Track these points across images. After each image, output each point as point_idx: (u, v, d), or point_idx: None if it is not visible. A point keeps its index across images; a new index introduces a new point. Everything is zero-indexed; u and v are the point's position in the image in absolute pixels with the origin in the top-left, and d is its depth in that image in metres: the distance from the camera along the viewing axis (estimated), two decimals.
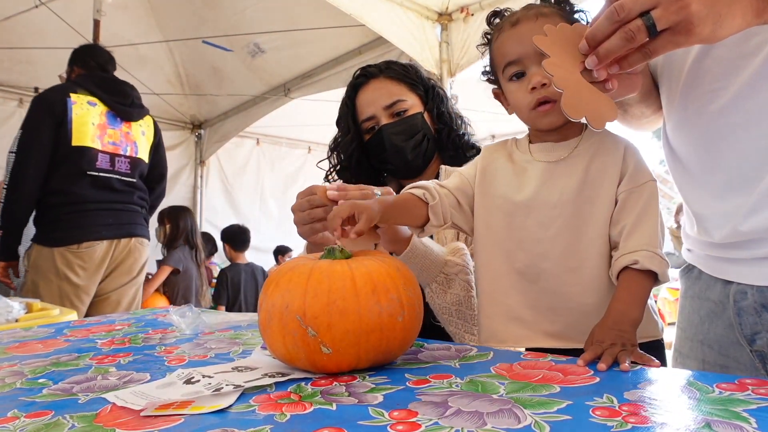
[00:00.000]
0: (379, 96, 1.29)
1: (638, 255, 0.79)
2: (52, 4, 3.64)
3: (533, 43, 0.75)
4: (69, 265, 2.40)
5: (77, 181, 2.43)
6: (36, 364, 0.82)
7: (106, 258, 2.49)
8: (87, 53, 2.66)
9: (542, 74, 0.83)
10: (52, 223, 2.42)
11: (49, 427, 0.53)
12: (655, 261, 0.79)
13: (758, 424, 0.45)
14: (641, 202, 0.83)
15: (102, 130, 2.51)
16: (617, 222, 0.84)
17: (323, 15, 3.60)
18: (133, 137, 2.63)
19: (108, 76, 2.63)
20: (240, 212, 5.74)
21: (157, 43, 4.58)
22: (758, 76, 0.73)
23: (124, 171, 2.57)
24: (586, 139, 0.89)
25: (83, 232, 2.42)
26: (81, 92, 2.48)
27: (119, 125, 2.58)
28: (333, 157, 1.39)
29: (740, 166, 0.77)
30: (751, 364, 0.81)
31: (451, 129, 1.33)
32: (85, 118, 2.44)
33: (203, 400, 0.58)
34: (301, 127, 5.57)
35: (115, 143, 2.55)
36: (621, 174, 0.86)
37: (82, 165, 2.42)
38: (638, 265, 0.78)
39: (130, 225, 2.60)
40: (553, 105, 0.85)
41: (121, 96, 2.60)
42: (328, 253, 0.75)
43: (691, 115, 0.83)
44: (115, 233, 2.52)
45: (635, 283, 0.79)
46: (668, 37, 0.62)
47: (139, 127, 2.69)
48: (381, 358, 0.70)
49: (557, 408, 0.51)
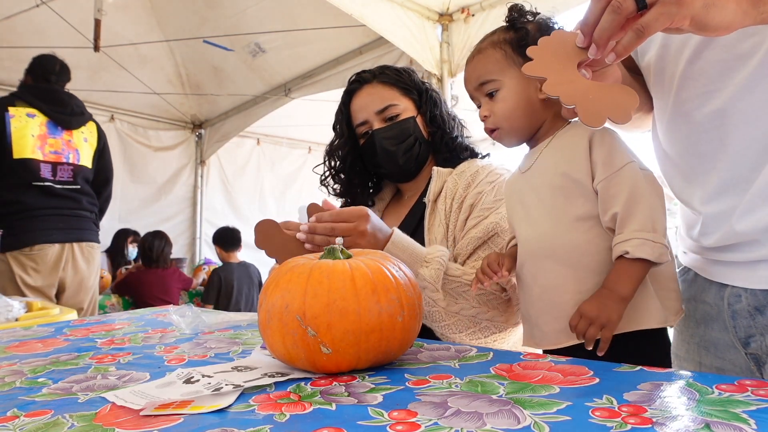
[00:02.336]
0: (372, 101, 1.31)
1: (629, 245, 0.81)
2: (53, 3, 3.64)
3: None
4: (23, 268, 2.54)
5: (24, 192, 2.55)
6: (35, 363, 0.82)
7: (59, 261, 2.62)
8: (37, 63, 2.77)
9: (485, 107, 0.98)
10: (3, 230, 2.53)
11: (48, 426, 0.53)
12: (647, 248, 0.80)
13: (758, 426, 0.45)
14: (625, 187, 0.84)
15: (42, 140, 2.62)
16: (606, 211, 0.85)
17: (324, 15, 3.60)
18: (75, 145, 2.74)
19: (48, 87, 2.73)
20: (240, 212, 5.74)
21: (157, 43, 4.58)
22: (754, 77, 0.73)
23: (66, 179, 2.69)
24: (560, 134, 0.94)
25: (34, 236, 2.56)
26: (19, 104, 2.61)
27: (60, 134, 2.69)
28: (329, 161, 1.40)
29: (734, 167, 0.77)
30: (747, 367, 0.81)
31: (445, 132, 1.34)
32: (24, 131, 2.56)
33: (203, 399, 0.58)
34: (302, 127, 5.57)
35: (56, 152, 2.67)
36: (592, 163, 0.87)
37: (25, 177, 2.56)
38: (629, 255, 0.80)
39: (80, 230, 2.72)
40: (498, 132, 0.98)
41: (59, 105, 2.70)
42: (328, 253, 0.75)
43: (685, 117, 0.83)
44: (66, 237, 2.64)
45: (628, 269, 0.81)
46: (659, 9, 0.61)
47: (81, 134, 2.78)
48: (381, 358, 0.70)
49: (557, 409, 0.51)
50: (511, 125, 0.96)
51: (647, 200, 0.83)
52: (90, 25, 3.48)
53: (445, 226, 1.21)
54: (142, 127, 5.35)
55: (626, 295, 0.80)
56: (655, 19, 0.61)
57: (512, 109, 0.95)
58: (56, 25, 3.76)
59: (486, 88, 0.97)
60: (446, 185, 1.25)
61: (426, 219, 1.24)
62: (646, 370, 0.63)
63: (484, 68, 0.98)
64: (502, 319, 1.12)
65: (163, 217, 5.38)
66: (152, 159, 5.42)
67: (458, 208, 1.21)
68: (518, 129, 0.97)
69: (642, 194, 0.83)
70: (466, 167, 1.27)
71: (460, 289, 1.09)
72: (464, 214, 1.20)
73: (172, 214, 5.55)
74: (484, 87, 0.98)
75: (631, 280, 0.81)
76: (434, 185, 1.26)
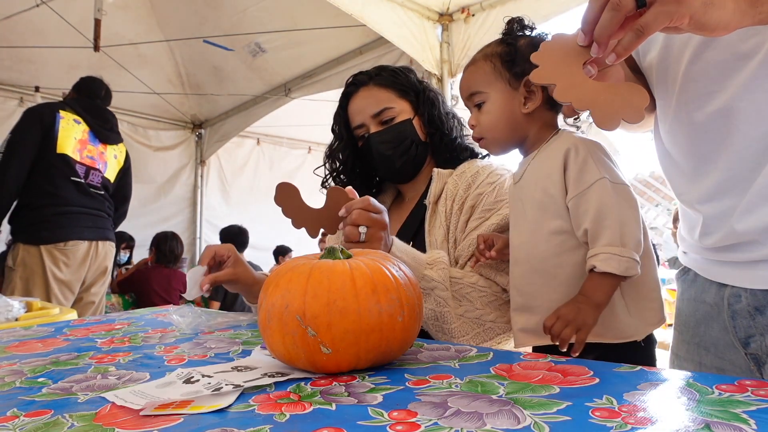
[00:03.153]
0: (367, 104, 1.30)
1: (596, 260, 0.86)
2: (53, 3, 3.64)
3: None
4: (54, 262, 2.66)
5: (62, 186, 2.71)
6: (35, 363, 0.82)
7: (87, 257, 2.78)
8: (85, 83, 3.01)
9: (473, 117, 1.03)
10: (39, 223, 2.67)
11: (48, 426, 0.53)
12: (613, 262, 0.84)
13: (758, 426, 0.45)
14: (593, 204, 0.88)
15: (82, 145, 2.82)
16: (578, 227, 0.91)
17: (324, 15, 3.60)
18: (106, 158, 2.96)
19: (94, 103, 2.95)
20: (239, 212, 5.74)
21: (158, 43, 4.58)
22: (755, 77, 0.73)
23: (95, 183, 2.88)
24: (545, 147, 0.99)
25: (68, 232, 2.70)
26: (69, 111, 2.80)
27: (97, 144, 2.91)
28: (329, 164, 1.41)
29: (734, 167, 0.77)
30: (747, 367, 0.81)
31: (443, 133, 1.33)
32: (69, 132, 2.75)
33: (202, 399, 0.58)
34: (302, 127, 5.57)
35: (92, 158, 2.87)
36: (566, 178, 0.92)
37: (66, 171, 2.71)
38: (597, 269, 0.85)
39: (104, 229, 2.92)
40: (484, 141, 1.03)
41: (102, 120, 2.94)
42: (328, 253, 0.75)
43: (687, 118, 0.83)
44: (94, 235, 2.82)
45: (598, 281, 0.86)
46: (658, 8, 0.60)
47: (113, 151, 3.02)
48: (381, 358, 0.70)
49: (557, 409, 0.51)
50: (494, 136, 1.02)
51: (616, 216, 0.87)
52: (90, 25, 3.49)
53: (445, 228, 1.21)
54: (142, 127, 5.35)
55: (600, 302, 0.85)
56: (654, 18, 0.61)
57: (496, 121, 1.00)
58: (56, 25, 3.76)
59: (474, 99, 1.03)
60: (446, 186, 1.25)
61: (427, 221, 1.24)
62: (646, 370, 0.63)
63: (474, 80, 1.03)
64: (504, 320, 1.12)
65: (163, 217, 5.38)
66: (152, 159, 5.43)
67: (459, 209, 1.20)
68: (501, 140, 1.03)
69: (610, 210, 0.87)
70: (467, 168, 1.26)
71: (464, 291, 1.09)
72: (465, 215, 1.19)
73: (172, 214, 5.55)
74: (473, 98, 1.03)
75: (603, 290, 0.86)
76: (434, 187, 1.25)
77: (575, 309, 0.84)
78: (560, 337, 0.83)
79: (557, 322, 0.84)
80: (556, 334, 0.84)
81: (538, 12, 3.02)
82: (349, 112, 1.35)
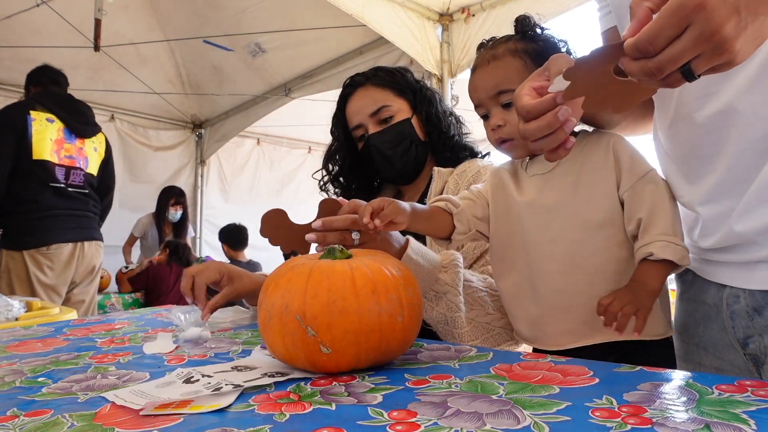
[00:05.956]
0: (365, 104, 1.30)
1: (653, 246, 0.83)
2: (54, 3, 3.64)
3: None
4: (38, 266, 2.66)
5: (42, 192, 2.68)
6: (35, 362, 0.82)
7: (72, 259, 2.76)
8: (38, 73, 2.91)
9: (499, 116, 0.93)
10: (21, 229, 2.66)
11: (48, 425, 0.53)
12: (669, 249, 0.82)
13: (757, 426, 0.45)
14: (649, 194, 0.86)
15: (59, 145, 2.77)
16: (631, 218, 0.87)
17: (324, 15, 3.60)
18: (86, 153, 2.91)
19: (65, 94, 2.88)
20: (239, 211, 5.74)
21: (158, 43, 4.59)
22: (755, 78, 0.73)
23: (78, 183, 2.84)
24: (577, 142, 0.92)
25: (50, 236, 2.69)
26: (40, 109, 2.72)
27: (74, 141, 2.84)
28: (327, 166, 1.40)
29: (733, 169, 0.77)
30: (746, 368, 0.81)
31: (441, 132, 1.32)
32: (43, 134, 2.70)
33: (202, 399, 0.58)
34: (302, 127, 5.57)
35: (70, 157, 2.81)
36: (617, 170, 0.89)
37: (44, 177, 2.68)
38: (653, 256, 0.82)
39: (89, 229, 2.88)
40: (512, 143, 0.94)
41: (77, 114, 2.86)
42: (328, 253, 0.75)
43: (686, 119, 0.82)
44: (78, 236, 2.79)
45: (652, 270, 0.83)
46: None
47: (92, 144, 2.94)
48: (381, 358, 0.70)
49: (557, 409, 0.51)
50: None
51: (669, 206, 0.86)
52: (90, 25, 3.49)
53: None
54: (142, 126, 5.35)
55: (655, 289, 0.82)
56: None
57: None
58: (56, 25, 3.76)
59: (503, 98, 0.93)
60: (447, 186, 1.24)
61: None
62: (646, 370, 0.63)
63: (504, 76, 0.93)
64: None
65: None
66: (152, 159, 5.43)
67: None
68: None
69: (664, 200, 0.86)
70: (467, 167, 1.26)
71: (476, 294, 1.07)
72: None
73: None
74: (501, 96, 0.94)
75: (659, 277, 0.83)
76: (435, 186, 1.25)
77: (632, 292, 0.80)
78: (622, 312, 0.77)
79: (615, 301, 0.78)
80: (614, 312, 0.77)
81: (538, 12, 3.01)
82: (347, 114, 1.35)
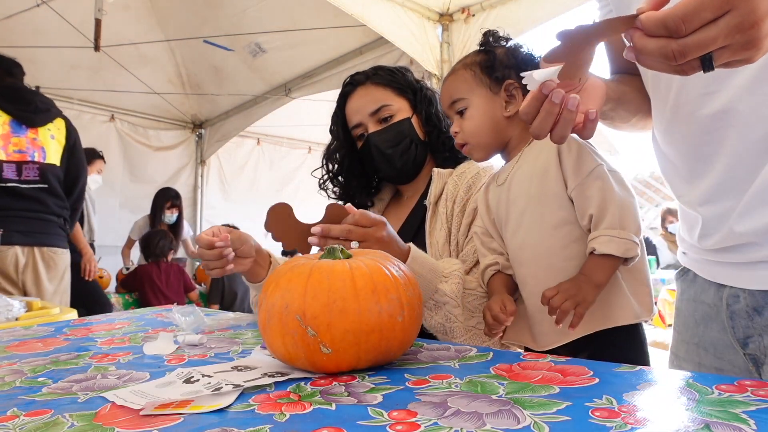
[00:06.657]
0: (365, 103, 1.30)
1: (596, 242, 0.88)
2: (54, 3, 3.65)
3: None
4: None
5: None
6: (35, 362, 0.82)
7: (19, 264, 2.54)
8: None
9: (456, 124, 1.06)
10: None
11: (48, 425, 0.53)
12: (612, 244, 0.87)
13: (757, 426, 0.45)
14: (597, 190, 0.91)
15: (5, 140, 2.56)
16: (584, 215, 0.92)
17: (324, 15, 3.60)
18: (40, 143, 2.64)
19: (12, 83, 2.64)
20: (239, 211, 5.74)
21: (158, 43, 4.59)
22: (755, 78, 0.73)
23: (32, 178, 2.59)
24: (529, 148, 1.02)
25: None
26: None
27: (24, 132, 2.60)
28: (327, 164, 1.40)
29: (733, 169, 0.77)
30: (746, 368, 0.81)
31: (441, 131, 1.32)
32: None
33: (202, 399, 0.58)
34: (302, 127, 5.57)
35: (21, 151, 2.57)
36: (562, 171, 0.94)
37: None
38: (596, 251, 0.88)
39: (42, 234, 2.61)
40: (468, 147, 1.06)
41: (23, 103, 2.62)
42: (328, 253, 0.75)
43: (684, 119, 0.82)
44: (27, 241, 2.55)
45: (598, 264, 0.89)
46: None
47: (48, 132, 2.68)
48: (381, 358, 0.70)
49: (556, 409, 0.51)
50: (478, 141, 1.04)
51: (616, 200, 0.89)
52: (90, 25, 3.49)
53: (447, 230, 1.20)
54: (143, 126, 5.35)
55: (600, 282, 0.87)
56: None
57: (479, 126, 1.03)
58: (56, 25, 3.76)
59: (456, 106, 1.05)
60: (447, 187, 1.24)
61: (427, 222, 1.23)
62: (646, 370, 0.63)
63: (455, 87, 1.05)
64: None
65: None
66: (152, 159, 5.43)
67: (461, 211, 1.19)
68: (485, 145, 1.05)
69: (611, 194, 0.90)
70: (467, 168, 1.26)
71: (477, 302, 1.07)
72: (467, 218, 1.18)
73: None
74: (455, 105, 1.06)
75: (603, 271, 0.88)
76: (434, 187, 1.25)
77: (576, 285, 0.86)
78: (561, 309, 0.84)
79: (557, 295, 0.85)
80: (556, 306, 0.84)
81: (538, 12, 3.02)
82: (346, 112, 1.34)
